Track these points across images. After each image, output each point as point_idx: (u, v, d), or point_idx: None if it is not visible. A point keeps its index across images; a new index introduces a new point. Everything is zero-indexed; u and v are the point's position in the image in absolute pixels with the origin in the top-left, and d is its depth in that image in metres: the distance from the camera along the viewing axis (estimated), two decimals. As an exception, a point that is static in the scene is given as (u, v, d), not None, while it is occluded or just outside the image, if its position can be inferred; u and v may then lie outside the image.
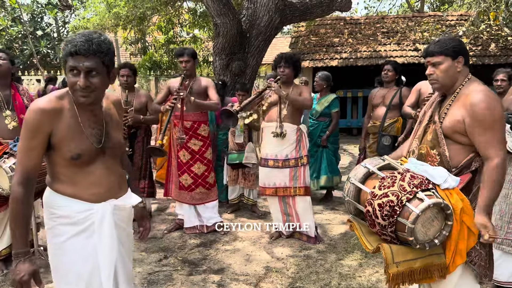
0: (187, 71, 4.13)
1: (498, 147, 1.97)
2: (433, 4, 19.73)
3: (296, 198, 3.97)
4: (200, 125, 4.22)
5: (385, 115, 4.72)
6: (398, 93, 4.70)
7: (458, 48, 2.09)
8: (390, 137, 4.66)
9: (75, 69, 1.67)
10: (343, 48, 11.31)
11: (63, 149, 1.74)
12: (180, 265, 3.59)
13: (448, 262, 2.12)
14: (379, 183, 2.12)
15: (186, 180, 4.26)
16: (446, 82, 2.14)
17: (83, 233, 1.81)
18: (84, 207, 1.81)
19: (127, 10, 11.29)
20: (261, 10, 6.72)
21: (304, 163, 3.95)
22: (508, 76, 4.11)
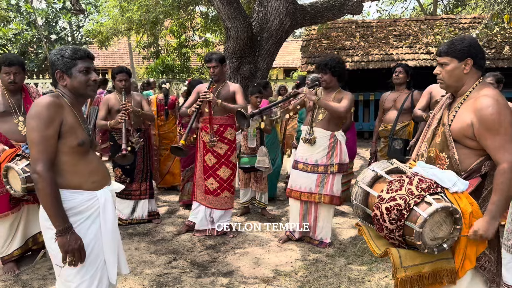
0: (214, 76, 4.16)
1: (507, 152, 1.95)
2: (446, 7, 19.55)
3: (319, 205, 3.94)
4: (226, 128, 4.23)
5: (397, 119, 4.69)
6: (409, 96, 4.67)
7: (466, 50, 2.07)
8: (402, 140, 4.61)
9: (87, 68, 2.02)
10: (355, 51, 11.27)
11: (71, 136, 1.97)
12: (189, 267, 3.60)
13: (457, 267, 2.10)
14: (387, 187, 2.11)
15: (212, 184, 4.26)
16: (450, 83, 2.14)
17: (88, 220, 2.03)
18: (89, 196, 2.03)
19: (140, 14, 11.43)
20: (272, 14, 6.74)
21: (334, 171, 3.86)
22: (496, 80, 4.09)
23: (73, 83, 2.01)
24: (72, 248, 1.91)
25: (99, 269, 2.07)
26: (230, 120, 4.26)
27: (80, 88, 2.02)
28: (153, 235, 4.38)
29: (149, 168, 4.70)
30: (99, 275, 2.07)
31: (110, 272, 2.14)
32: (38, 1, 18.23)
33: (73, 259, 1.93)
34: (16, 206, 3.40)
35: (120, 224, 4.58)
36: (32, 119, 1.90)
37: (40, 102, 1.92)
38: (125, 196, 4.60)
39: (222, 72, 4.21)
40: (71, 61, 1.98)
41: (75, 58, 1.99)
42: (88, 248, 2.01)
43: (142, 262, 3.71)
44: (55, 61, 2.00)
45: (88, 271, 2.03)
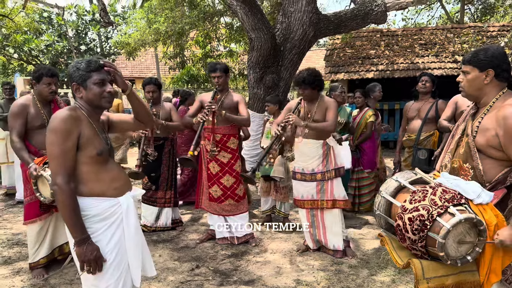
0: (219, 86, 4.23)
1: None
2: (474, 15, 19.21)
3: (324, 210, 3.96)
4: (229, 138, 4.29)
5: (421, 128, 4.64)
6: (434, 106, 4.62)
7: (488, 61, 2.05)
8: (426, 150, 4.56)
9: (102, 80, 2.07)
10: (380, 60, 11.18)
11: (89, 147, 2.03)
12: (212, 275, 3.64)
13: (482, 280, 2.06)
14: (410, 197, 2.10)
15: (216, 191, 4.32)
16: (471, 91, 2.13)
17: (112, 225, 2.11)
18: (112, 203, 2.11)
19: (166, 26, 11.66)
20: (295, 24, 6.79)
21: (332, 176, 3.90)
22: None
23: (88, 95, 2.07)
24: (88, 258, 1.97)
25: (123, 272, 2.15)
26: (233, 130, 4.30)
27: (95, 99, 2.07)
28: (177, 243, 4.44)
29: (174, 177, 4.78)
30: (124, 279, 2.14)
31: (134, 275, 2.21)
32: (69, 14, 18.85)
33: (90, 268, 1.99)
34: (46, 212, 3.53)
35: (145, 231, 4.68)
36: (51, 133, 1.97)
37: (58, 116, 1.98)
38: (151, 202, 4.70)
39: (226, 82, 4.28)
40: (86, 73, 2.04)
41: (90, 71, 2.04)
42: (113, 252, 2.08)
43: (166, 268, 3.77)
44: (72, 74, 2.08)
45: (113, 275, 2.09)
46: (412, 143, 4.69)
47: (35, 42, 17.45)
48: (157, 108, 4.64)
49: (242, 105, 4.28)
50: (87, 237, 1.99)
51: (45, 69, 3.51)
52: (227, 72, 4.26)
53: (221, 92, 4.28)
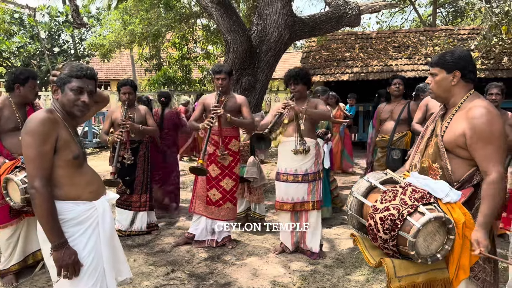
0: (222, 88, 4.20)
1: (496, 162, 1.97)
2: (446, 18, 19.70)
3: (309, 212, 3.97)
4: (231, 140, 4.26)
5: (394, 129, 4.73)
6: (406, 107, 4.72)
7: (455, 63, 2.10)
8: (400, 150, 4.65)
9: (80, 89, 2.03)
10: (354, 62, 11.35)
11: (65, 151, 2.00)
12: (187, 279, 3.60)
13: (451, 277, 2.10)
14: (381, 197, 2.13)
15: (214, 195, 4.27)
16: (439, 93, 2.19)
17: (88, 229, 2.08)
18: (87, 207, 2.08)
19: (142, 27, 11.53)
20: (271, 27, 6.81)
21: (321, 177, 3.99)
22: (500, 90, 4.15)
23: (63, 99, 2.04)
24: (67, 263, 1.94)
25: (99, 277, 2.11)
26: (235, 132, 4.30)
27: (68, 105, 2.04)
28: (152, 247, 4.39)
29: (149, 180, 4.72)
30: (100, 283, 2.11)
31: (109, 280, 2.17)
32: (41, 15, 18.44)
33: (67, 273, 1.96)
34: (16, 217, 3.43)
35: (119, 236, 4.58)
36: (28, 135, 1.92)
37: (36, 118, 1.95)
38: (125, 206, 4.63)
39: (229, 85, 4.26)
40: (66, 77, 2.02)
41: (71, 76, 2.01)
42: (89, 257, 2.06)
43: (141, 273, 3.71)
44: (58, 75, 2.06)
45: (89, 280, 2.06)
46: (386, 143, 4.78)
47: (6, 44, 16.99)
48: (131, 110, 4.58)
49: (245, 107, 4.25)
50: (65, 242, 1.96)
51: (31, 72, 3.48)
52: (231, 74, 4.24)
53: (224, 94, 4.26)
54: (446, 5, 18.98)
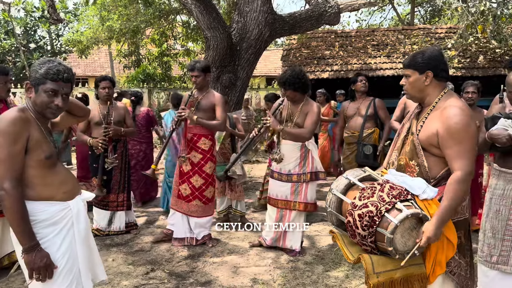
0: (196, 85, 4.17)
1: (465, 161, 2.00)
2: (424, 17, 20.03)
3: (293, 212, 3.98)
4: (200, 138, 4.21)
5: (363, 125, 4.81)
6: (372, 103, 4.82)
7: (426, 63, 2.13)
8: (371, 146, 4.75)
9: (55, 91, 1.97)
10: (334, 60, 11.41)
11: (37, 151, 1.95)
12: (167, 278, 3.57)
13: (428, 272, 2.14)
14: (359, 194, 2.15)
15: (185, 190, 4.25)
16: (413, 93, 2.22)
17: (63, 230, 2.04)
18: (61, 207, 2.04)
19: (120, 23, 11.35)
20: (251, 24, 6.80)
21: (307, 179, 3.92)
22: (477, 89, 4.24)
23: (36, 99, 1.98)
24: (38, 266, 1.90)
25: (74, 279, 2.07)
26: (205, 130, 4.23)
27: (40, 107, 1.98)
28: (131, 246, 4.33)
29: (126, 179, 4.64)
30: (75, 285, 2.07)
31: (85, 281, 2.14)
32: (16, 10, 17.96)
33: (39, 276, 1.92)
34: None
35: (97, 235, 4.54)
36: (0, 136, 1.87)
37: (6, 117, 1.89)
38: (102, 206, 4.55)
39: (205, 81, 4.21)
40: (41, 78, 1.95)
41: (47, 78, 1.95)
42: (63, 259, 2.02)
43: (119, 273, 3.67)
44: (31, 72, 2.00)
45: (64, 282, 2.02)
46: (355, 139, 4.86)
47: (-21, 39, 16.51)
48: (110, 108, 4.46)
49: (219, 107, 4.20)
50: (36, 244, 1.92)
51: (2, 68, 3.40)
52: (206, 71, 4.18)
53: (200, 91, 4.21)
54: (424, 4, 19.28)
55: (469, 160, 2.01)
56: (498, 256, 2.73)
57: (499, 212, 2.76)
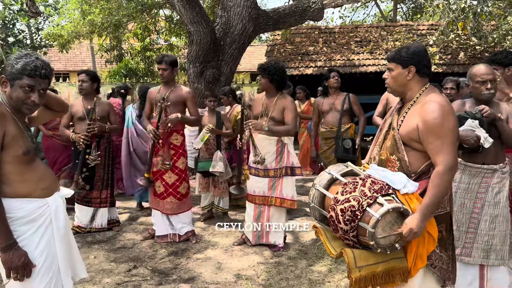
0: (163, 79, 4.14)
1: (447, 155, 2.02)
2: (406, 14, 20.23)
3: (271, 208, 3.98)
4: (172, 133, 4.16)
5: (340, 120, 4.87)
6: (346, 99, 4.89)
7: (409, 58, 2.15)
8: (350, 140, 4.81)
9: (31, 87, 1.93)
10: (318, 56, 11.45)
11: (14, 146, 1.91)
12: (150, 275, 3.54)
13: (409, 266, 2.16)
14: (342, 189, 2.16)
15: (159, 187, 4.21)
16: (395, 87, 2.23)
17: (41, 228, 2.00)
18: (39, 204, 2.00)
19: (102, 17, 11.18)
20: (235, 19, 6.77)
21: (283, 174, 3.92)
22: (455, 85, 4.31)
23: (12, 94, 1.94)
24: (16, 265, 1.87)
25: (53, 277, 2.04)
26: (177, 126, 4.17)
27: (15, 102, 1.95)
28: (113, 243, 4.28)
29: (110, 176, 4.56)
30: (54, 284, 2.04)
31: (65, 279, 2.11)
32: (-6, 2, 17.54)
33: (17, 275, 1.88)
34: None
35: (79, 232, 4.47)
36: None
37: None
38: (85, 203, 4.48)
39: (172, 76, 4.17)
40: (18, 73, 1.91)
41: (23, 74, 1.90)
42: (41, 257, 1.98)
43: (101, 270, 3.62)
44: (7, 66, 1.96)
45: (42, 281, 1.99)
46: (333, 134, 4.92)
47: (-45, 33, 16.07)
48: (91, 102, 4.39)
49: (190, 102, 4.18)
50: (14, 243, 1.88)
51: None
52: (174, 65, 4.14)
53: (167, 85, 4.16)
54: (406, 0, 19.48)
55: (451, 154, 2.03)
56: (462, 248, 2.83)
57: (464, 205, 2.85)
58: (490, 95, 2.78)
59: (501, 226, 2.77)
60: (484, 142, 2.61)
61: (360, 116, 4.92)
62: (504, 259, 2.78)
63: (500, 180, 2.78)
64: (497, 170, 2.77)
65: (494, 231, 2.76)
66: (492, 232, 2.76)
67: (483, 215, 2.78)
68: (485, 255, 2.78)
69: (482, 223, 2.78)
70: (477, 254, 2.79)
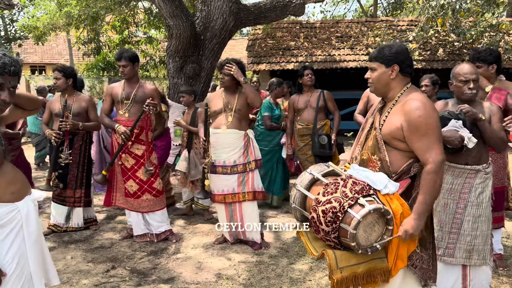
0: (124, 75, 4.02)
1: (434, 152, 2.02)
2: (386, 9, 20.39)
3: (243, 203, 3.95)
4: (142, 130, 4.06)
5: (316, 117, 4.89)
6: (321, 96, 4.91)
7: (393, 57, 2.14)
8: (326, 136, 4.83)
9: (1, 85, 1.83)
10: (299, 51, 11.45)
11: None
12: (129, 275, 3.47)
13: (390, 266, 2.16)
14: (323, 190, 2.14)
15: (132, 186, 4.09)
16: (379, 87, 2.22)
17: (11, 233, 1.92)
18: (9, 209, 1.91)
19: (79, 9, 10.90)
20: (215, 13, 6.66)
21: (253, 168, 3.94)
22: (431, 81, 4.33)
23: None
24: None
25: (25, 284, 1.96)
26: (146, 122, 4.08)
27: None
28: (91, 243, 4.19)
29: (84, 175, 4.42)
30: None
31: (37, 286, 2.02)
32: (-35, -8, 16.91)
33: None
34: None
35: (55, 231, 4.36)
36: None
37: None
38: (60, 201, 4.36)
39: (134, 71, 4.04)
40: None
41: None
42: (13, 263, 1.90)
43: (79, 271, 3.53)
44: None
45: (14, 287, 1.90)
46: (309, 131, 4.93)
47: None
48: (70, 99, 4.25)
49: (157, 100, 4.07)
50: None
51: None
52: (134, 61, 4.00)
53: (130, 81, 4.05)
54: (386, -4, 19.65)
55: (438, 150, 2.04)
56: (445, 248, 2.84)
57: (447, 206, 2.86)
58: (472, 95, 2.79)
59: (483, 226, 2.78)
60: (468, 142, 2.62)
61: (335, 112, 4.96)
62: (485, 259, 2.80)
63: (483, 180, 2.78)
64: (480, 171, 2.77)
65: (477, 231, 2.77)
66: (475, 232, 2.77)
67: (466, 215, 2.78)
68: (467, 255, 2.79)
69: (465, 224, 2.78)
70: (459, 255, 2.80)
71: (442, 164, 2.05)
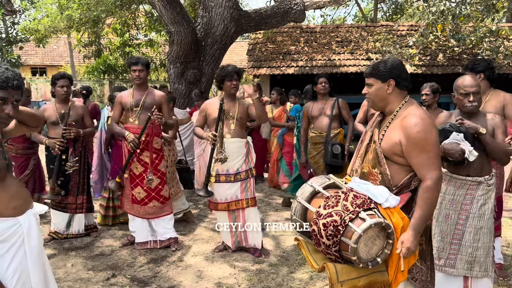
0: (139, 80, 4.05)
1: (432, 168, 2.04)
2: (386, 13, 20.43)
3: (246, 210, 3.96)
4: (153, 138, 4.09)
5: (330, 125, 4.87)
6: (336, 104, 4.89)
7: (388, 72, 2.15)
8: (339, 145, 4.80)
9: (4, 99, 1.83)
10: (300, 56, 11.46)
11: None
12: (129, 284, 3.47)
13: (390, 279, 2.17)
14: (324, 203, 2.14)
15: (139, 193, 4.11)
16: (376, 102, 2.24)
17: (12, 248, 1.91)
18: (11, 223, 1.91)
19: (80, 12, 10.92)
20: (216, 19, 6.70)
21: (254, 174, 4.00)
22: (432, 90, 4.30)
23: None
24: None
25: None
26: (156, 129, 4.12)
27: None
28: (91, 250, 4.19)
29: (86, 181, 4.45)
30: None
31: None
32: (-34, -5, 16.94)
33: None
34: None
35: (55, 238, 4.37)
36: None
37: None
38: (61, 208, 4.36)
39: (146, 78, 4.12)
40: None
41: None
42: (14, 278, 1.90)
43: (79, 279, 3.54)
44: None
45: None
46: (323, 139, 4.90)
47: None
48: (66, 107, 4.27)
49: (165, 106, 4.12)
50: None
51: None
52: (148, 67, 4.09)
53: (140, 88, 4.08)
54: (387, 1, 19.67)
55: (436, 165, 2.05)
56: (446, 259, 2.84)
57: (449, 216, 2.86)
58: (473, 107, 2.78)
59: (485, 238, 2.78)
60: (469, 155, 2.62)
61: (349, 120, 4.92)
62: (487, 271, 2.79)
63: (485, 192, 2.77)
64: (482, 183, 2.76)
65: (478, 243, 2.76)
66: (476, 244, 2.76)
67: (467, 226, 2.78)
68: (469, 267, 2.78)
69: (466, 235, 2.78)
70: (460, 266, 2.80)
71: (439, 180, 2.07)
